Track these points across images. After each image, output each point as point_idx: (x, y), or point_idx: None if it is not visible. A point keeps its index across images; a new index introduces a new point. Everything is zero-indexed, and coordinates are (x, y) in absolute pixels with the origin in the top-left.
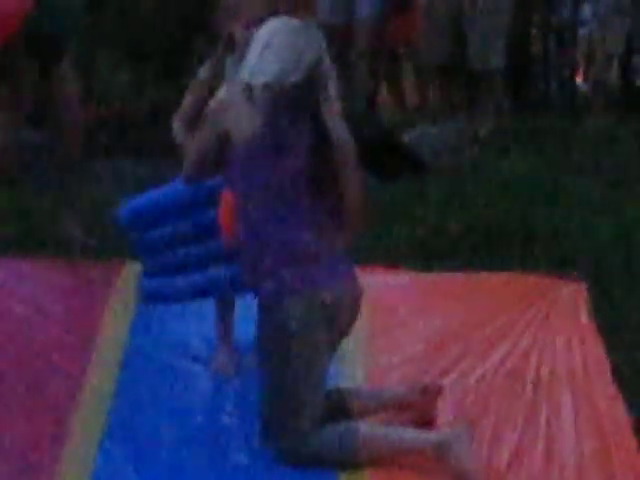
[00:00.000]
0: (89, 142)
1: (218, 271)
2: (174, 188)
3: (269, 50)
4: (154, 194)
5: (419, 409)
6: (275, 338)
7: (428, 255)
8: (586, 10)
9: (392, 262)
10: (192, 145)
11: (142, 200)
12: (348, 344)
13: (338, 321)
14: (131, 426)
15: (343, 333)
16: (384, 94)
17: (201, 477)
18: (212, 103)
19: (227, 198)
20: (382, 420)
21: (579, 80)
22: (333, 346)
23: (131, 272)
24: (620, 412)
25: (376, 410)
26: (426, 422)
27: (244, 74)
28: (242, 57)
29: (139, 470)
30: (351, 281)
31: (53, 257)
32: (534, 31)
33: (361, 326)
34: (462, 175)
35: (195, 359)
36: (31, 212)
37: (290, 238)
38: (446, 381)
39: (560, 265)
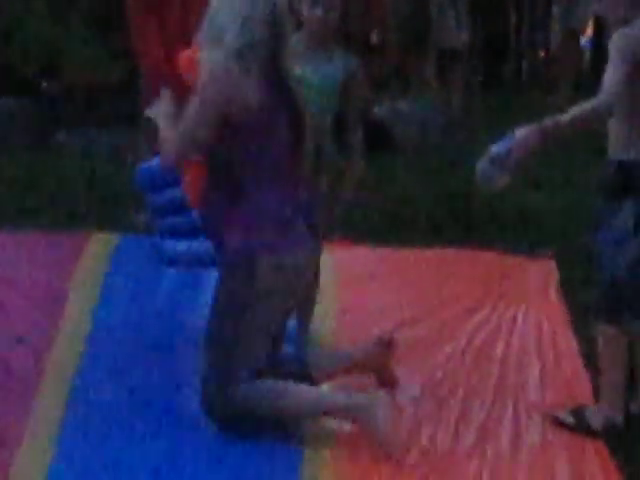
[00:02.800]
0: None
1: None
2: None
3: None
4: None
5: (377, 364)
6: (235, 291)
7: (397, 231)
8: None
9: (362, 237)
10: (182, 127)
11: (156, 162)
12: (317, 319)
13: (297, 286)
14: (92, 402)
15: (299, 298)
16: None
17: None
18: (203, 78)
19: (194, 167)
20: (343, 384)
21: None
22: (288, 309)
23: (98, 243)
24: (587, 390)
25: (337, 373)
26: (388, 382)
27: (230, 39)
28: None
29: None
30: (311, 248)
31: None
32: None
33: (330, 302)
34: (431, 150)
35: (159, 331)
36: None
37: (266, 200)
38: (415, 358)
39: (532, 245)
